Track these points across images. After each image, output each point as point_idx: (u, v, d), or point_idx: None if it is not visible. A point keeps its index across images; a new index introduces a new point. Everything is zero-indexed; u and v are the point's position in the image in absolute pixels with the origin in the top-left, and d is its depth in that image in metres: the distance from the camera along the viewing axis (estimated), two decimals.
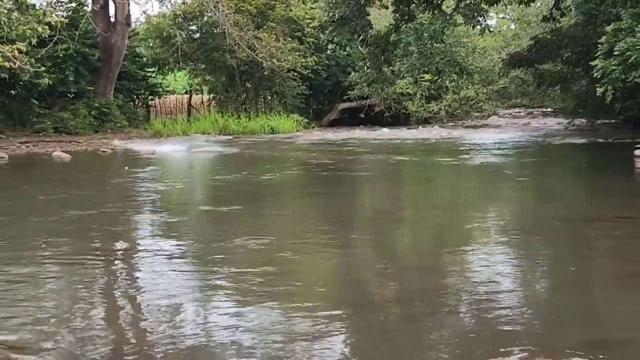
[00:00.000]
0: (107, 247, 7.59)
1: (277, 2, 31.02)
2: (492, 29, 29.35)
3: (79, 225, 8.96)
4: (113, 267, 6.84)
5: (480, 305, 5.14)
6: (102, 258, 7.08)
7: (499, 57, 36.03)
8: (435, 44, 26.76)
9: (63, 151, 19.58)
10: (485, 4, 23.56)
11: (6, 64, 17.36)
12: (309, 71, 31.14)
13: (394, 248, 8.03)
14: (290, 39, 30.67)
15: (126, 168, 16.63)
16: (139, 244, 8.12)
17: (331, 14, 22.30)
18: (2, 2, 17.66)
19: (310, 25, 30.52)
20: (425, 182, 14.18)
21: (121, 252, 7.47)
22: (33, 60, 20.56)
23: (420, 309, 5.18)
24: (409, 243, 8.36)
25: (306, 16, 30.99)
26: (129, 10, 29.17)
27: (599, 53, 13.81)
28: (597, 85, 14.42)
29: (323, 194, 12.49)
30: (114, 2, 28.55)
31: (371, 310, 5.22)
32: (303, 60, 30.39)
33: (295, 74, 31.04)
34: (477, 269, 6.46)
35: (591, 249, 7.34)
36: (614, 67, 13.32)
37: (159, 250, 7.44)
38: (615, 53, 13.16)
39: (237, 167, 16.16)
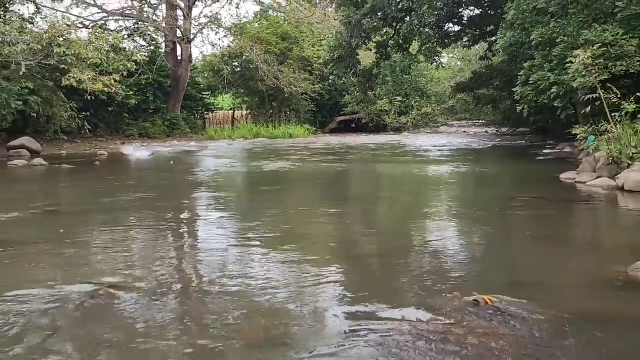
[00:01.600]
0: (174, 216, 7.63)
1: (294, 46, 30.97)
2: (444, 65, 29.33)
3: (155, 200, 9.03)
4: (180, 230, 6.90)
5: (433, 257, 5.19)
6: (172, 223, 7.13)
7: (449, 85, 36.16)
8: (404, 76, 26.82)
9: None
10: (440, 48, 23.61)
11: (106, 89, 17.41)
12: (316, 94, 31.24)
13: (374, 218, 8.03)
14: (303, 72, 30.62)
15: (171, 162, 16.54)
16: (196, 213, 8.16)
17: (332, 54, 22.40)
18: (103, 46, 17.66)
19: (317, 62, 30.46)
20: (392, 172, 14.13)
21: (184, 219, 7.51)
22: (124, 87, 20.57)
23: (393, 260, 5.21)
24: (385, 215, 8.36)
25: (314, 56, 30.92)
26: (190, 52, 29.14)
27: (518, 82, 13.80)
28: (517, 104, 14.43)
29: (325, 179, 12.50)
30: (180, 46, 28.52)
31: (358, 261, 5.26)
32: (312, 86, 30.39)
33: (307, 96, 31.09)
34: (432, 233, 6.50)
35: (514, 219, 7.34)
36: (529, 92, 13.32)
37: (210, 217, 7.50)
38: (530, 82, 13.15)
39: (264, 159, 16.15)
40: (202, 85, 33.35)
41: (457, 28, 23.75)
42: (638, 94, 10.59)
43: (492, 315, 3.58)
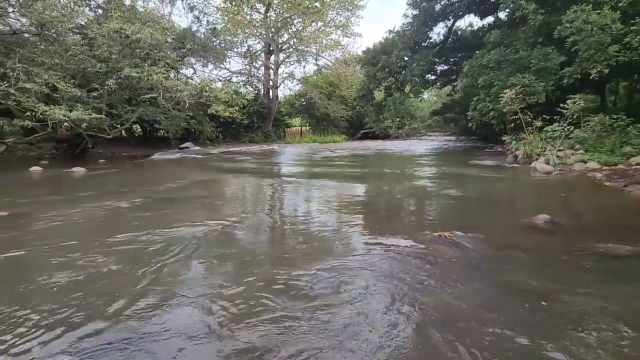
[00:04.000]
0: (267, 182, 7.79)
1: (336, 89, 30.64)
2: (425, 99, 28.41)
3: (258, 172, 9.20)
4: (272, 187, 7.00)
5: (417, 208, 5.19)
6: (269, 184, 7.28)
7: (428, 111, 34.95)
8: (401, 105, 26.06)
9: (250, 149, 19.88)
10: (422, 89, 22.94)
11: (231, 115, 17.71)
12: (349, 117, 30.78)
13: (382, 184, 8.01)
14: (341, 104, 30.29)
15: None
16: (284, 178, 8.27)
17: (358, 94, 22.20)
18: (229, 91, 17.88)
19: (350, 98, 30.06)
20: (391, 160, 13.86)
21: (276, 181, 7.64)
22: (240, 114, 20.84)
23: (394, 211, 5.24)
24: (388, 182, 8.32)
25: (348, 95, 30.51)
26: (277, 93, 29.25)
27: (470, 109, 13.36)
28: (469, 122, 13.96)
29: (355, 163, 12.43)
30: (271, 90, 28.75)
31: (373, 208, 5.31)
32: (346, 113, 30.03)
33: (343, 118, 30.70)
34: (416, 194, 6.41)
35: (466, 187, 7.18)
36: (476, 115, 12.90)
37: (293, 181, 7.55)
38: (477, 109, 12.74)
39: (320, 152, 16.15)
40: (283, 112, 33.49)
41: (433, 77, 23.06)
42: (543, 115, 10.19)
43: (449, 243, 3.64)
